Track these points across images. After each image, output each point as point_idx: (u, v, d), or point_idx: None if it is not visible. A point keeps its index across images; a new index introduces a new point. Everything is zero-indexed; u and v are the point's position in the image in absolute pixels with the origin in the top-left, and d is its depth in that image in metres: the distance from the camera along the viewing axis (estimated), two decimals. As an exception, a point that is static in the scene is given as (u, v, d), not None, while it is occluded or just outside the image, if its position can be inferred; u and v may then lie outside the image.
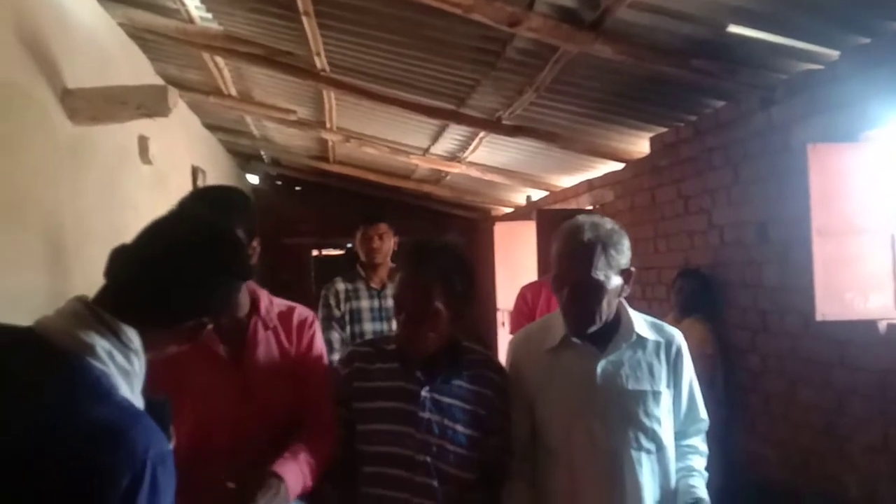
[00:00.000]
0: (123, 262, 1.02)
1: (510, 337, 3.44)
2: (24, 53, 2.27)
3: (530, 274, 4.73)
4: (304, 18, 3.20)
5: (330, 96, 4.69)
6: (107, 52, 3.22)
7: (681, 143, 3.89)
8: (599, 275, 1.53)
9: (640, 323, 1.68)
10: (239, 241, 1.14)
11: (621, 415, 1.60)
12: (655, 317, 1.78)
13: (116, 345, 0.93)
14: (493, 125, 4.39)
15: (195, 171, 5.09)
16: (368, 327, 3.06)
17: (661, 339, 1.68)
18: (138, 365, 0.96)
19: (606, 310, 1.59)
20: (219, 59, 4.26)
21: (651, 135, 4.17)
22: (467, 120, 4.43)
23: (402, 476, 1.52)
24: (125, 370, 0.93)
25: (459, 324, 1.60)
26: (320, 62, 3.89)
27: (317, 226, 9.26)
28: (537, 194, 6.68)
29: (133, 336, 0.95)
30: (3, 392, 0.86)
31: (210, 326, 1.12)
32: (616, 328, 1.65)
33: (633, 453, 1.59)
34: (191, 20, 3.60)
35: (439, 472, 1.52)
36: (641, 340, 1.66)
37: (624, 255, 1.59)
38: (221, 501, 1.30)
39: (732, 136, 3.38)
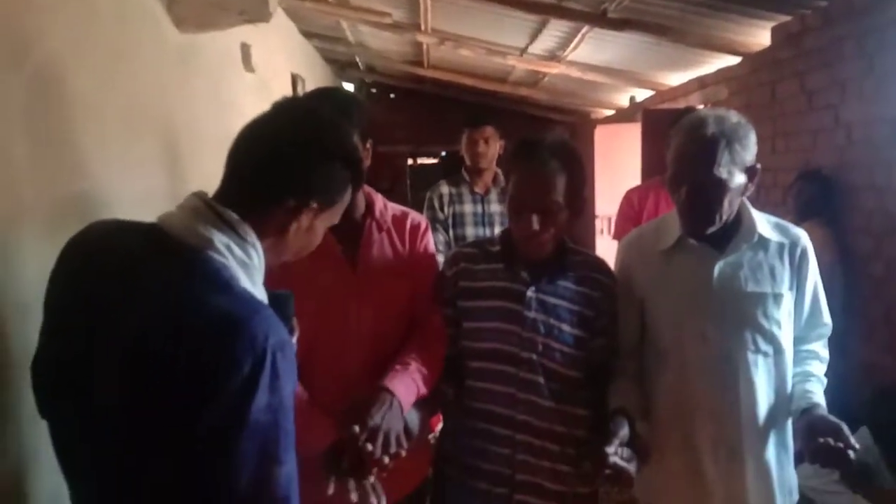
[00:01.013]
0: (230, 156, 1.05)
1: (612, 243, 3.39)
2: (130, -39, 2.30)
3: (633, 179, 4.55)
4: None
5: (425, -4, 4.55)
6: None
7: (807, 32, 3.54)
8: (722, 172, 1.44)
9: (763, 223, 1.58)
10: (342, 124, 1.12)
11: (738, 317, 1.54)
12: (778, 218, 1.67)
13: (234, 238, 0.96)
14: (598, 19, 4.13)
15: (295, 79, 5.15)
16: (470, 232, 3.05)
17: (786, 241, 1.58)
18: (256, 258, 0.99)
19: (728, 209, 1.50)
20: (314, -38, 4.20)
21: (773, 24, 3.81)
22: (570, 14, 4.18)
23: (508, 371, 1.55)
24: (244, 262, 0.96)
25: (569, 224, 1.57)
26: (415, -41, 3.75)
27: (411, 133, 9.26)
28: (642, 94, 6.34)
29: (248, 229, 0.98)
30: (131, 282, 0.91)
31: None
32: (737, 228, 1.56)
33: (750, 356, 1.54)
34: (285, -80, 3.53)
35: (545, 369, 1.54)
36: (763, 241, 1.57)
37: (749, 150, 1.48)
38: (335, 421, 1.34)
39: (868, 24, 3.05)
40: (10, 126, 1.46)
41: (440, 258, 1.81)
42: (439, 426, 1.84)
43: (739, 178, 1.47)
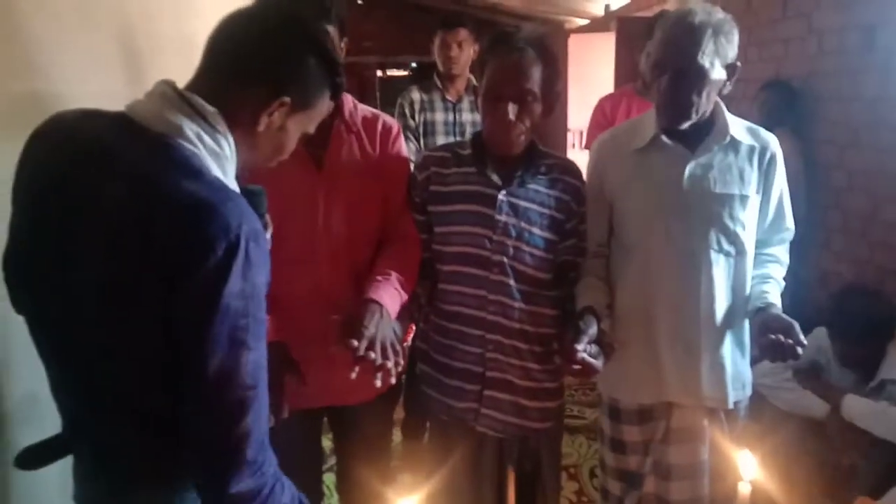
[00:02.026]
0: (208, 44, 1.01)
1: (584, 155, 3.38)
2: None
3: (606, 90, 4.50)
4: None
5: None
6: None
7: (786, -66, 3.45)
8: (706, 61, 1.44)
9: (736, 125, 1.61)
10: (322, 23, 1.11)
11: (704, 217, 1.58)
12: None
13: (204, 127, 0.94)
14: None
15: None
16: (441, 140, 2.98)
17: (757, 144, 1.61)
18: (228, 149, 0.97)
19: (705, 104, 1.51)
20: None
21: (753, -73, 3.70)
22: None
23: (478, 274, 1.58)
24: (215, 152, 0.95)
25: (542, 127, 1.56)
26: None
27: (381, 44, 8.95)
28: (617, 3, 6.19)
29: (219, 119, 0.96)
30: (101, 166, 0.89)
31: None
32: (710, 129, 1.58)
33: (713, 254, 1.58)
34: None
35: (515, 272, 1.57)
36: (735, 143, 1.59)
37: (733, 46, 1.48)
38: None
39: (849, -75, 2.98)
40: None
41: (411, 167, 1.80)
42: (412, 331, 1.89)
43: (720, 73, 1.49)
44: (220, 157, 0.95)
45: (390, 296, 1.45)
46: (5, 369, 1.33)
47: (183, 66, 1.08)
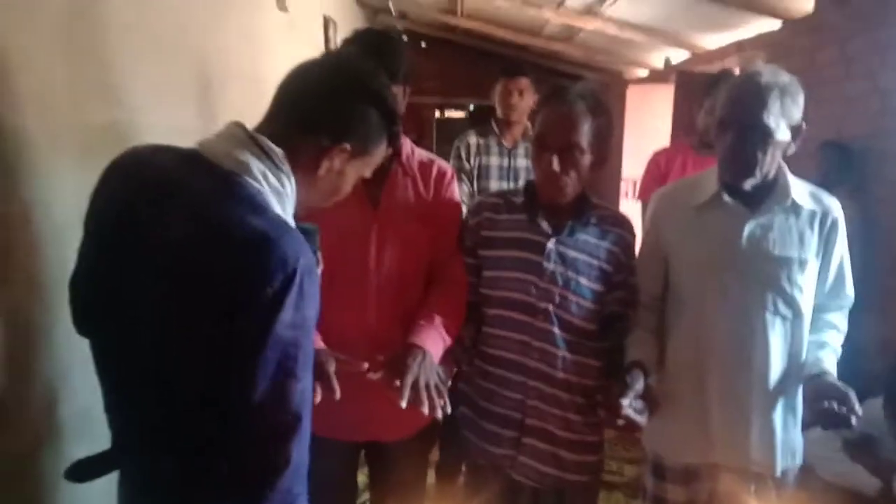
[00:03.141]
0: (278, 91, 1.08)
1: (637, 206, 3.36)
2: None
3: (662, 142, 4.49)
4: None
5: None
6: None
7: (854, -3, 3.43)
8: (771, 120, 1.44)
9: (799, 188, 1.59)
10: (384, 77, 1.14)
11: (761, 278, 1.56)
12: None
13: (270, 166, 0.99)
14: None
15: (327, 21, 5.10)
16: (494, 185, 3.02)
17: (818, 209, 1.59)
18: (289, 187, 1.02)
19: (769, 163, 1.51)
20: None
21: (819, -13, 3.70)
22: (609, -33, 4.08)
23: (523, 320, 1.58)
24: (278, 191, 1.00)
25: (594, 178, 1.58)
26: None
27: (440, 84, 9.14)
28: (678, 56, 6.20)
29: (283, 159, 1.01)
30: (171, 199, 0.94)
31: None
32: (771, 190, 1.57)
33: (769, 316, 1.56)
34: None
35: (560, 320, 1.57)
36: (796, 206, 1.57)
37: (798, 108, 1.49)
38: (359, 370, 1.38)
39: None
40: (52, 45, 1.47)
41: (463, 209, 1.83)
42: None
43: (785, 133, 1.48)
44: (281, 196, 1.00)
45: (433, 340, 1.47)
46: (63, 383, 1.39)
47: (251, 103, 1.15)
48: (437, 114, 10.20)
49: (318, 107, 1.05)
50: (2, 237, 1.26)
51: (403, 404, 1.30)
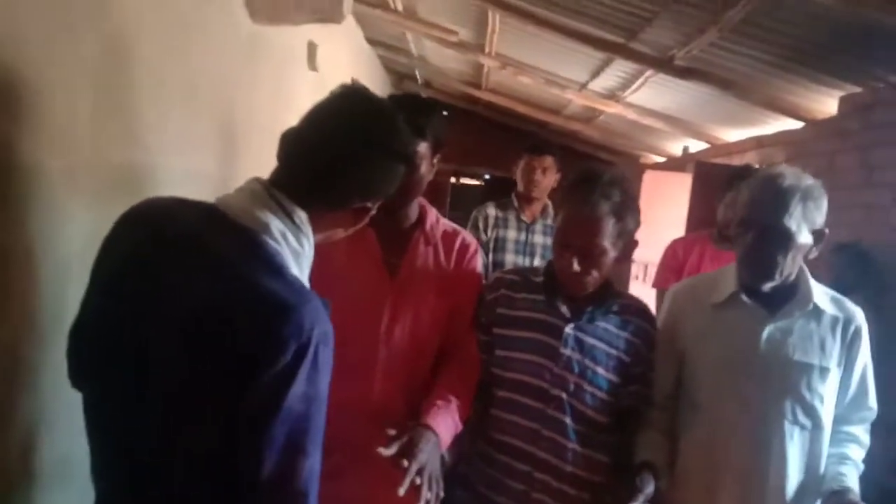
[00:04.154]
0: (293, 143, 1.04)
1: (645, 289, 3.31)
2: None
3: (676, 229, 4.48)
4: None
5: (494, 18, 4.57)
6: (288, -46, 3.27)
7: (877, 106, 3.46)
8: (792, 224, 1.42)
9: (820, 293, 1.55)
10: (404, 127, 1.11)
11: (780, 384, 1.50)
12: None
13: (289, 226, 0.97)
14: (664, 64, 4.10)
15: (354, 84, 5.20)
16: (510, 259, 3.02)
17: (841, 315, 1.55)
18: (308, 247, 1.00)
19: (790, 266, 1.48)
20: (389, -28, 4.25)
21: (842, 94, 3.74)
22: (636, 56, 4.16)
23: (534, 406, 1.51)
24: (296, 251, 0.97)
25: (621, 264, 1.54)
26: (489, -20, 3.77)
27: (458, 153, 9.25)
28: (695, 146, 6.27)
29: (304, 219, 0.98)
30: (189, 255, 0.92)
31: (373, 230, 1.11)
32: (792, 294, 1.53)
33: (787, 425, 1.50)
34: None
35: (573, 410, 1.50)
36: (818, 312, 1.53)
37: (821, 212, 1.47)
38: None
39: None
40: (80, 83, 1.47)
41: None
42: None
43: (806, 237, 1.46)
44: (299, 256, 0.98)
45: (447, 426, 1.42)
46: (44, 427, 1.32)
47: (274, 157, 1.12)
48: (453, 180, 10.31)
49: (342, 176, 1.02)
50: (3, 271, 1.21)
51: (402, 492, 1.24)
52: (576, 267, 1.46)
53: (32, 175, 1.30)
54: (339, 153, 1.01)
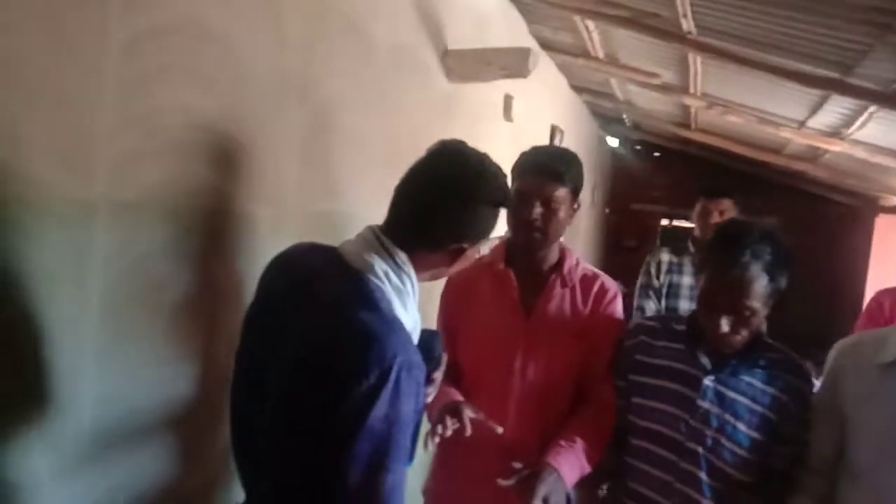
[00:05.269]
0: (397, 194, 1.19)
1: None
2: (415, 18, 2.66)
3: (913, 280, 3.95)
4: (670, -21, 3.10)
5: (695, 60, 4.47)
6: (486, 15, 3.55)
7: None
8: None
9: None
10: (497, 172, 1.19)
11: None
12: None
13: (392, 266, 1.11)
14: (887, 98, 3.70)
15: (553, 130, 5.37)
16: (684, 305, 2.91)
17: None
18: (410, 285, 1.13)
19: None
20: (588, 22, 4.37)
21: None
22: (854, 91, 3.79)
23: (667, 458, 1.49)
24: (399, 289, 1.10)
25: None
26: (686, 24, 3.71)
27: (670, 194, 9.00)
28: (945, 186, 5.49)
29: (405, 259, 1.12)
30: (306, 294, 1.09)
31: (503, 268, 1.22)
32: None
33: None
34: (564, -17, 3.76)
35: (709, 465, 1.46)
36: None
37: None
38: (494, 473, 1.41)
39: None
40: (290, 150, 1.81)
41: None
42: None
43: None
44: (402, 293, 1.11)
45: (570, 464, 1.44)
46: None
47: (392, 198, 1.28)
48: (665, 221, 9.98)
49: (434, 222, 1.14)
50: (216, 302, 1.53)
51: None
52: (724, 328, 1.41)
53: (245, 222, 1.63)
54: (428, 202, 1.14)
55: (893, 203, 6.88)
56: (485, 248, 1.27)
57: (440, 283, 1.74)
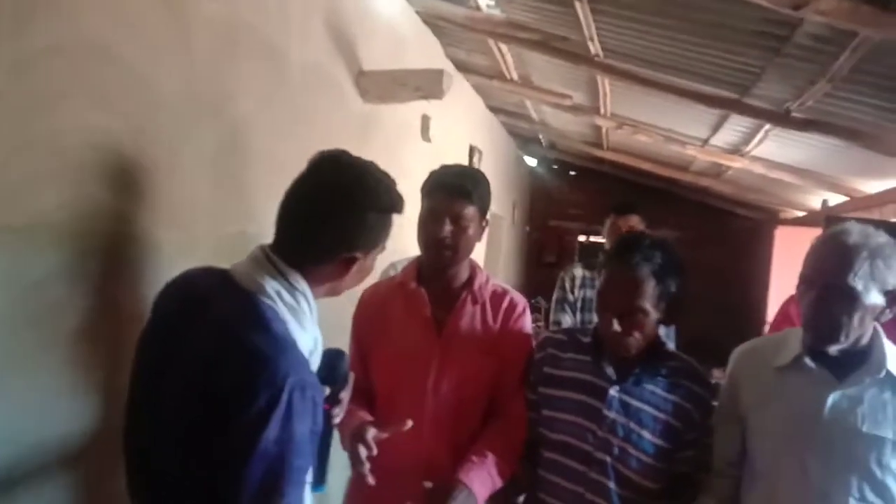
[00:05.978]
0: (279, 211, 1.16)
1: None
2: (329, 38, 2.66)
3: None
4: (576, 3, 3.23)
5: (603, 82, 4.66)
6: (401, 37, 3.58)
7: None
8: (857, 283, 1.33)
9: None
10: (381, 178, 1.19)
11: (846, 457, 1.39)
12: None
13: (284, 284, 1.09)
14: (781, 118, 3.95)
15: (472, 150, 5.45)
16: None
17: None
18: (305, 303, 1.11)
19: (857, 328, 1.38)
20: (502, 45, 4.49)
21: None
22: (750, 111, 4.04)
23: (577, 469, 1.52)
24: (292, 307, 1.09)
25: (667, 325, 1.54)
26: (594, 47, 3.87)
27: (586, 211, 9.29)
28: (835, 199, 5.89)
29: (298, 277, 1.10)
30: (197, 317, 1.07)
31: (416, 287, 1.22)
32: (864, 359, 1.42)
33: (853, 503, 1.38)
34: (477, 8, 3.84)
35: (617, 474, 1.49)
36: (892, 379, 1.41)
37: (894, 272, 1.36)
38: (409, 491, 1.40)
39: None
40: (201, 172, 1.76)
41: None
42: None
43: (876, 298, 1.36)
44: (297, 312, 1.09)
45: (481, 480, 1.45)
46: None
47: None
48: (582, 238, 10.26)
49: (319, 232, 1.12)
50: (120, 328, 1.47)
51: None
52: (616, 327, 1.47)
53: (149, 245, 1.57)
54: (310, 213, 1.12)
55: (792, 216, 7.33)
56: (397, 269, 1.26)
57: (352, 303, 1.74)
